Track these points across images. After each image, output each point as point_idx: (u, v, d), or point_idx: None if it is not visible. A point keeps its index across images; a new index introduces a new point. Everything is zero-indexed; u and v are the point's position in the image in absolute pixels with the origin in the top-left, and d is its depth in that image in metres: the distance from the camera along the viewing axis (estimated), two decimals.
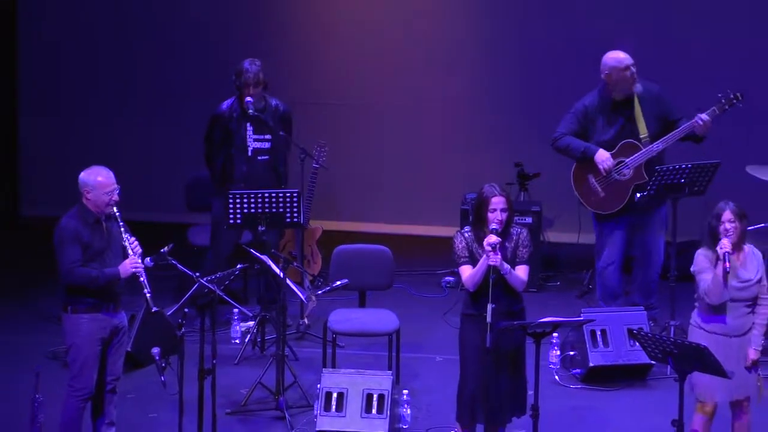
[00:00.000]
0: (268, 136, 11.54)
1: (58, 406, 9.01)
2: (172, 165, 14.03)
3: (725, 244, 8.57)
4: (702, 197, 10.99)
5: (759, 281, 8.70)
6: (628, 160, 11.28)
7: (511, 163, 13.36)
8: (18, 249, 13.88)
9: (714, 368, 8.26)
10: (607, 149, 11.25)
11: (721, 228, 8.62)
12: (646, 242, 11.49)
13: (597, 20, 13.76)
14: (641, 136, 11.30)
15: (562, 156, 11.55)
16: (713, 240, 8.65)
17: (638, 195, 11.21)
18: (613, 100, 11.30)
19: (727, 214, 8.63)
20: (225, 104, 11.59)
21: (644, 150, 11.26)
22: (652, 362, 10.15)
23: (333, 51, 14.45)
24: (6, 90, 15.21)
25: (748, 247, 8.76)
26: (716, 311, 8.69)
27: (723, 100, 11.16)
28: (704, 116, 11.12)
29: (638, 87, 11.27)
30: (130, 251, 8.84)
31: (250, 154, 11.53)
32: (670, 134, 11.23)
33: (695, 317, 8.82)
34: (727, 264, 8.54)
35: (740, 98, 11.13)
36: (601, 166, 11.23)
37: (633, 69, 11.23)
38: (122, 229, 8.86)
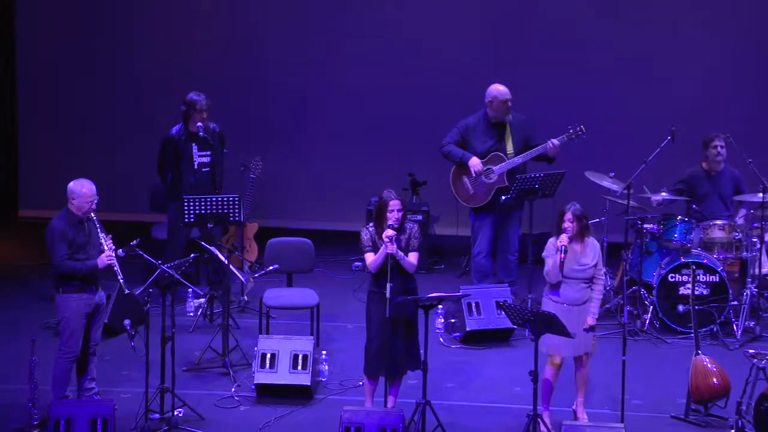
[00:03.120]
0: (209, 152, 11.51)
1: (50, 366, 9.01)
2: (140, 173, 13.87)
3: (563, 240, 8.70)
4: (552, 199, 11.17)
5: (594, 265, 8.83)
6: (494, 167, 11.42)
7: (405, 173, 13.38)
8: (18, 242, 13.73)
9: (561, 331, 8.40)
10: (480, 158, 11.40)
11: (564, 225, 8.77)
12: (506, 234, 11.60)
13: (478, 59, 13.86)
14: (508, 152, 11.43)
15: (444, 168, 11.68)
16: (558, 232, 8.81)
17: (503, 197, 11.35)
18: (490, 122, 11.44)
19: (568, 215, 8.76)
20: (174, 129, 11.53)
21: (507, 162, 11.40)
22: (514, 327, 10.33)
23: (268, 81, 14.41)
24: (6, 100, 14.81)
25: (590, 239, 8.87)
26: (559, 286, 8.82)
27: (571, 131, 11.33)
28: (555, 141, 11.29)
29: (509, 116, 11.44)
30: (105, 247, 8.85)
31: (196, 167, 11.52)
32: (528, 152, 11.39)
33: (546, 290, 8.95)
34: (563, 255, 8.66)
35: (584, 131, 11.32)
36: (473, 170, 11.36)
37: (510, 102, 11.38)
38: (98, 229, 8.88)
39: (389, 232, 8.68)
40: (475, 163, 11.35)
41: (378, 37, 14.14)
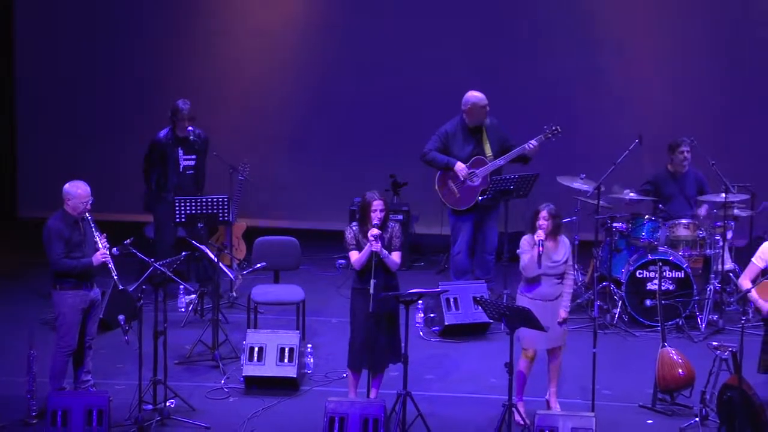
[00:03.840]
0: (193, 156, 11.58)
1: (48, 359, 8.99)
2: (134, 175, 13.70)
3: (540, 235, 8.74)
4: (526, 199, 11.18)
5: (565, 262, 8.87)
6: (477, 171, 11.42)
7: (387, 175, 13.37)
8: (17, 242, 13.65)
9: (535, 325, 8.43)
10: (462, 162, 11.40)
11: (539, 222, 8.81)
12: (485, 234, 11.59)
13: (451, 69, 13.85)
14: (487, 155, 11.44)
15: (424, 170, 11.67)
16: (533, 230, 8.83)
17: (480, 198, 11.37)
18: (468, 127, 11.44)
19: (544, 214, 8.79)
20: (162, 133, 11.58)
21: (489, 164, 11.41)
22: (491, 321, 10.35)
23: (260, 91, 14.36)
24: (5, 103, 14.60)
25: (561, 237, 8.89)
26: (533, 282, 8.86)
27: (547, 130, 11.35)
28: (534, 142, 11.31)
29: (487, 120, 11.45)
30: (100, 245, 8.85)
31: (181, 170, 11.56)
32: (509, 153, 11.40)
33: (521, 287, 8.97)
34: (541, 249, 8.70)
35: (560, 131, 11.35)
36: (460, 174, 11.36)
37: (487, 108, 11.39)
38: (93, 228, 8.87)
39: (374, 231, 8.68)
40: (461, 167, 11.34)
41: (361, 44, 14.08)
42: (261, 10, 14.37)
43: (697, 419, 8.86)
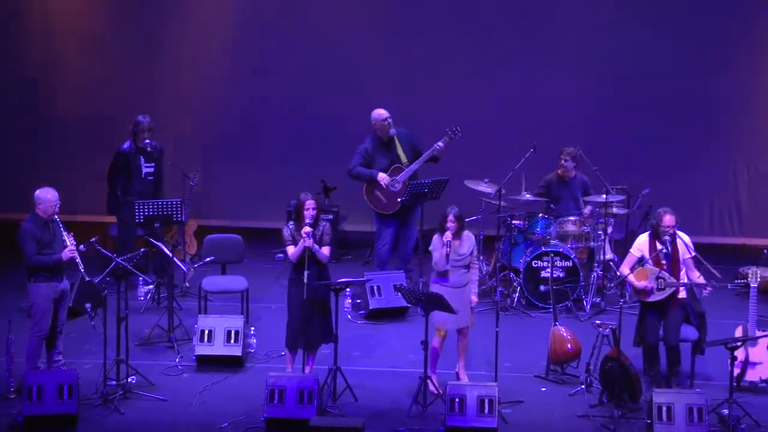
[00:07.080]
0: (153, 164, 11.53)
1: (24, 342, 8.95)
2: (99, 181, 13.44)
3: (448, 236, 8.83)
4: (438, 201, 11.27)
5: (471, 254, 8.97)
6: (397, 177, 11.49)
7: (318, 180, 13.36)
8: None
9: (446, 308, 8.54)
10: (384, 172, 11.48)
11: (447, 225, 8.88)
12: (406, 230, 11.62)
13: (372, 89, 13.71)
14: (403, 162, 11.51)
15: (352, 178, 11.71)
16: (443, 230, 8.93)
17: (399, 200, 11.45)
18: (382, 141, 11.50)
19: (450, 216, 8.88)
20: (125, 145, 11.51)
21: (406, 170, 11.48)
22: (409, 305, 10.42)
23: (207, 103, 14.23)
24: None
25: (466, 233, 9.00)
26: (443, 275, 8.96)
27: (449, 132, 11.44)
28: (440, 143, 11.39)
29: (394, 131, 11.48)
30: (68, 243, 8.81)
31: (143, 176, 11.50)
32: (421, 157, 11.48)
33: (434, 276, 9.05)
34: (448, 249, 8.79)
35: (459, 131, 11.43)
36: (382, 183, 11.42)
37: (389, 120, 11.45)
38: (61, 228, 8.84)
39: (307, 229, 8.73)
40: (383, 177, 11.39)
41: (294, 58, 13.88)
42: (195, 27, 14.10)
43: (583, 387, 9.03)
